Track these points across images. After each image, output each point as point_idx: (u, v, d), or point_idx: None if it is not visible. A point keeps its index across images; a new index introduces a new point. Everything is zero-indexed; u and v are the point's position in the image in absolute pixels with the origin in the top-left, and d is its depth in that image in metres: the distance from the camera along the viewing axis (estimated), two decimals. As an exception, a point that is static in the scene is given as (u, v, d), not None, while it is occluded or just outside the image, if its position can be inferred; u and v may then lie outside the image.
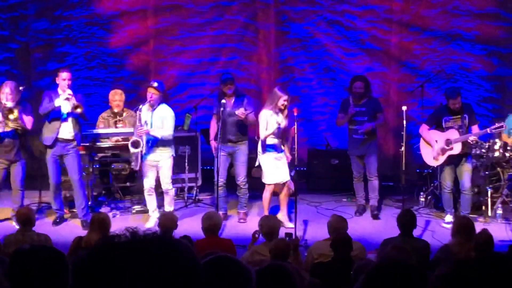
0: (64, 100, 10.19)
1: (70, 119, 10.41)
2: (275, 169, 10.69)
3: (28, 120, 10.47)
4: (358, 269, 5.46)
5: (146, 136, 10.49)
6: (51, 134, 10.42)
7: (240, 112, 10.72)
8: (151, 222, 10.61)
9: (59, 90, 10.33)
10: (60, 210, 10.88)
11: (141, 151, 10.48)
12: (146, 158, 10.61)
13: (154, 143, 10.54)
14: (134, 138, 10.43)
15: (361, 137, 11.17)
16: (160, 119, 10.53)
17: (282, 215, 10.74)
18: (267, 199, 10.82)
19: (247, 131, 11.33)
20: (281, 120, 10.50)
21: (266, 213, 10.57)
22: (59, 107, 10.30)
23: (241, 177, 11.22)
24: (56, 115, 10.38)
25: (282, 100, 10.52)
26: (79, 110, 10.18)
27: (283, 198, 10.87)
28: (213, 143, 11.24)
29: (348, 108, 11.15)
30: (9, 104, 10.23)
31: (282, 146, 10.77)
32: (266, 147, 10.60)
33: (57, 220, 10.80)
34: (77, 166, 10.61)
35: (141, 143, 10.39)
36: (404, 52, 14.06)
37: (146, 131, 10.40)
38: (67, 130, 10.43)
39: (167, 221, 8.32)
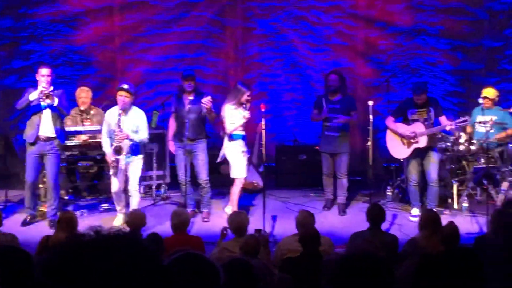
0: (39, 93, 10.05)
1: (50, 114, 10.28)
2: (244, 163, 10.69)
3: None
4: (326, 263, 5.49)
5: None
6: (32, 130, 10.27)
7: (206, 100, 10.62)
8: (119, 220, 10.55)
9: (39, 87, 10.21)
10: (32, 210, 10.64)
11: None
12: None
13: (132, 149, 10.32)
14: (115, 144, 10.21)
15: (334, 134, 11.10)
16: (134, 123, 10.30)
17: (231, 209, 10.70)
18: (237, 193, 10.78)
19: (205, 129, 11.27)
20: (246, 114, 10.48)
21: (235, 208, 10.53)
22: (39, 102, 10.17)
23: (202, 175, 11.07)
24: (35, 110, 10.26)
25: (246, 96, 10.51)
26: (48, 101, 10.03)
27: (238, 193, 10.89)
28: (171, 143, 11.23)
29: (322, 106, 11.12)
30: None
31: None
32: (233, 136, 10.54)
33: (27, 221, 10.55)
34: (56, 167, 10.46)
35: (123, 149, 10.15)
36: (370, 47, 14.14)
37: (126, 135, 10.16)
38: (47, 126, 10.26)
39: (135, 219, 8.31)
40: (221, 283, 2.98)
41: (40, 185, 11.03)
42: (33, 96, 10.06)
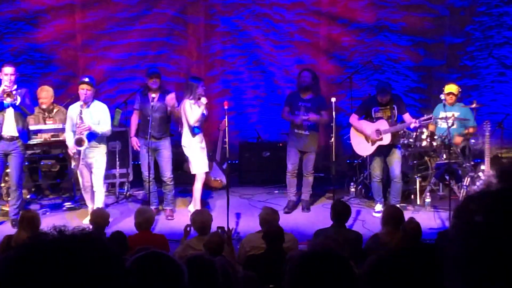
0: (1, 92, 9.93)
1: (12, 114, 10.17)
2: (204, 158, 10.68)
3: None
4: (289, 260, 5.50)
5: (87, 135, 10.21)
6: None
7: (169, 97, 10.66)
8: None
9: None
10: None
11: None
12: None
13: (91, 139, 10.26)
14: (77, 136, 10.14)
15: (304, 133, 11.02)
16: (96, 116, 10.28)
17: (194, 207, 10.70)
18: (200, 190, 10.77)
19: (169, 127, 11.25)
20: (204, 102, 10.46)
21: (198, 205, 10.52)
22: (1, 101, 10.05)
23: (167, 173, 11.08)
24: None
25: (200, 88, 10.51)
26: (9, 99, 9.93)
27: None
28: (133, 139, 11.18)
29: (292, 104, 11.06)
30: None
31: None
32: (194, 130, 10.52)
33: None
34: (19, 167, 10.34)
35: (84, 140, 10.08)
36: (333, 44, 14.20)
37: (88, 127, 10.10)
38: (10, 125, 10.14)
39: (98, 218, 8.25)
40: (185, 282, 2.97)
41: (2, 184, 10.90)
42: None
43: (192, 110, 10.44)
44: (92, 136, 10.24)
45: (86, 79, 10.31)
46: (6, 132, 10.16)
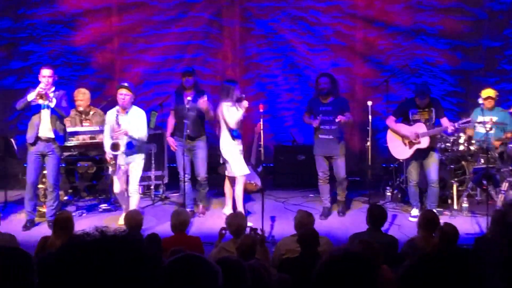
0: (37, 96, 10.02)
1: (48, 116, 10.24)
2: (242, 161, 10.69)
3: None
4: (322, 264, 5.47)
5: (126, 144, 10.28)
6: (32, 131, 10.27)
7: (201, 100, 10.71)
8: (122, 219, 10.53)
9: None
10: (32, 214, 10.56)
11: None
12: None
13: (130, 146, 10.34)
14: (113, 141, 10.23)
15: (328, 137, 10.92)
16: (134, 121, 10.34)
17: (229, 209, 10.73)
18: (241, 193, 10.76)
19: (205, 127, 11.30)
20: (246, 105, 10.47)
21: (241, 208, 10.52)
22: (39, 103, 10.14)
23: (201, 173, 11.17)
24: (35, 111, 10.25)
25: (237, 89, 10.52)
26: (41, 101, 9.99)
27: (232, 192, 10.91)
28: (169, 139, 11.24)
29: (314, 111, 11.03)
30: None
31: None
32: (233, 133, 10.53)
33: (27, 225, 10.46)
34: (56, 168, 10.41)
35: (120, 145, 10.17)
36: (369, 47, 14.12)
37: (125, 132, 10.19)
38: (46, 127, 10.23)
39: (132, 220, 8.24)
40: (219, 284, 2.97)
41: (40, 186, 11.00)
42: (31, 96, 10.04)
43: (230, 113, 10.45)
44: (131, 143, 10.30)
45: (125, 84, 10.41)
46: (42, 134, 10.24)
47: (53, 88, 10.19)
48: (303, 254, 6.98)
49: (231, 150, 10.64)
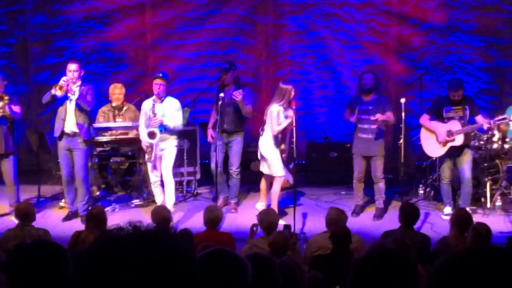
0: (55, 87, 10.08)
1: (72, 109, 10.31)
2: (281, 162, 10.71)
3: (16, 109, 10.50)
4: (355, 261, 5.46)
5: (159, 127, 10.42)
6: (58, 124, 10.38)
7: (236, 93, 10.82)
8: None
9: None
10: (72, 206, 10.73)
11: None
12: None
13: (162, 132, 10.48)
14: (150, 129, 10.35)
15: (368, 137, 10.83)
16: (169, 111, 10.51)
17: (262, 205, 10.75)
18: (278, 193, 10.76)
19: (243, 122, 11.36)
20: (291, 114, 10.46)
21: (275, 207, 10.53)
22: (64, 97, 10.23)
23: (234, 166, 11.34)
24: (59, 104, 10.34)
25: (292, 92, 10.53)
26: (59, 93, 10.03)
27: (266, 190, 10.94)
28: (209, 131, 11.41)
29: (354, 106, 10.95)
30: None
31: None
32: (274, 139, 10.56)
33: (69, 215, 10.67)
34: (82, 163, 10.50)
35: (157, 133, 10.31)
36: (403, 44, 14.05)
37: (160, 121, 10.35)
38: (71, 120, 10.33)
39: (158, 216, 8.22)
40: (248, 279, 2.97)
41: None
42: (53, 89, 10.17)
43: (279, 118, 10.41)
44: (164, 129, 10.42)
45: (160, 74, 10.62)
46: (67, 128, 10.33)
47: (79, 82, 10.26)
48: (335, 251, 6.97)
49: (272, 150, 10.61)
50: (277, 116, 10.41)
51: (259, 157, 10.87)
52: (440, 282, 2.55)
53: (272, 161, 10.63)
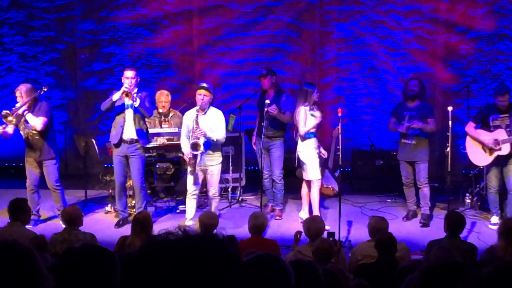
0: (122, 94, 10.20)
1: (132, 116, 10.42)
2: (318, 163, 10.68)
3: (37, 121, 10.35)
4: (402, 270, 5.42)
5: (202, 139, 10.30)
6: (116, 131, 10.49)
7: (271, 108, 10.81)
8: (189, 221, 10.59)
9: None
10: (124, 212, 10.83)
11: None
12: None
13: (207, 147, 10.36)
14: (193, 140, 10.22)
15: (411, 142, 10.83)
16: (212, 123, 10.33)
17: (305, 213, 10.74)
18: (317, 197, 10.76)
19: (284, 127, 11.36)
20: (318, 115, 10.48)
21: (317, 212, 10.52)
22: (123, 104, 10.36)
23: (276, 171, 11.30)
24: (119, 110, 10.45)
25: (315, 93, 10.53)
26: (127, 99, 10.13)
27: (309, 196, 10.91)
28: (254, 138, 11.61)
29: (398, 114, 10.92)
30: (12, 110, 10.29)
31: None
32: (310, 134, 10.53)
33: (120, 223, 10.75)
34: (140, 170, 10.61)
35: (200, 145, 10.16)
36: (450, 52, 13.93)
37: (203, 132, 10.17)
38: (130, 127, 10.43)
39: (206, 220, 8.27)
40: (291, 284, 2.98)
41: (128, 184, 11.20)
42: (116, 96, 10.27)
43: (307, 118, 10.44)
44: (208, 143, 10.34)
45: (204, 85, 10.41)
46: (126, 135, 10.41)
47: (136, 90, 10.36)
48: (380, 260, 6.93)
49: (308, 154, 10.61)
50: (304, 117, 10.41)
51: (296, 163, 10.91)
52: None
53: (307, 164, 10.62)
